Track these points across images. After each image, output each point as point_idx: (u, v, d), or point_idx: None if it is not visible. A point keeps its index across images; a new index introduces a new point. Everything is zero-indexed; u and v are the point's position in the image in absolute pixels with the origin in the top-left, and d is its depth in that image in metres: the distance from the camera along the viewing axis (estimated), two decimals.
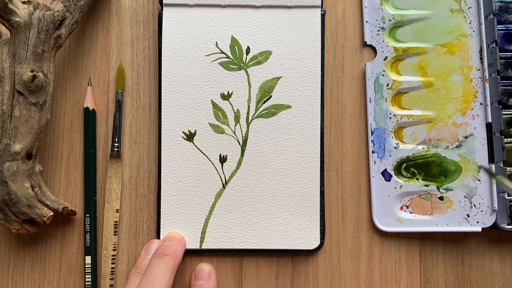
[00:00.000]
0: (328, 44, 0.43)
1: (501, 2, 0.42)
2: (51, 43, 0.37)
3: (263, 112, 0.41)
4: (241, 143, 0.41)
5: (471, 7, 0.42)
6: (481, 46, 0.42)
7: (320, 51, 0.41)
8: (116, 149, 0.41)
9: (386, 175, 0.41)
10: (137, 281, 0.36)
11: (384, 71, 0.42)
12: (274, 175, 0.40)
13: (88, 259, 0.40)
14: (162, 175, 0.40)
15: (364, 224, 0.42)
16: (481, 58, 0.42)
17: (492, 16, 0.42)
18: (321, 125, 0.41)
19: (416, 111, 0.42)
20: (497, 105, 0.41)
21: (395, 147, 0.41)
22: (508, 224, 0.40)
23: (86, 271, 0.40)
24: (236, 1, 0.41)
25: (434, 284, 0.41)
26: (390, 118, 0.42)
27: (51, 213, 0.38)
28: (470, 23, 0.42)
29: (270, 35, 0.41)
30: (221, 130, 0.41)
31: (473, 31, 0.42)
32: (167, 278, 0.35)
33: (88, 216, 0.40)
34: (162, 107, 0.40)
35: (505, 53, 0.41)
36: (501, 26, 0.42)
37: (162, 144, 0.40)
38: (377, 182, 0.41)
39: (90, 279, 0.40)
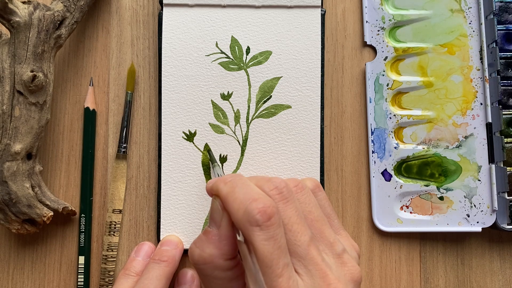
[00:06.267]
0: (328, 44, 0.43)
1: (501, 2, 0.42)
2: (51, 43, 0.37)
3: (263, 112, 0.41)
4: (241, 143, 0.41)
5: (471, 7, 0.42)
6: (481, 46, 0.42)
7: (320, 51, 0.41)
8: (123, 149, 0.41)
9: (386, 175, 0.41)
10: (125, 282, 0.37)
11: (384, 71, 0.42)
12: (274, 175, 0.40)
13: (81, 259, 0.40)
14: (162, 175, 0.40)
15: (364, 224, 0.42)
16: (481, 58, 0.42)
17: (492, 16, 0.42)
18: (321, 125, 0.41)
19: (416, 111, 0.42)
20: (497, 105, 0.41)
21: (395, 147, 0.41)
22: (508, 224, 0.40)
23: (79, 271, 0.40)
24: (236, 1, 0.41)
25: (434, 284, 0.41)
26: (390, 118, 0.42)
27: (51, 213, 0.38)
28: (470, 23, 0.42)
29: (270, 35, 0.41)
30: (221, 130, 0.41)
31: (473, 31, 0.42)
32: (163, 283, 0.36)
33: (83, 216, 0.40)
34: (162, 107, 0.40)
35: (505, 53, 0.41)
36: (501, 26, 0.42)
37: (162, 144, 0.40)
38: (377, 182, 0.41)
39: (82, 279, 0.40)
